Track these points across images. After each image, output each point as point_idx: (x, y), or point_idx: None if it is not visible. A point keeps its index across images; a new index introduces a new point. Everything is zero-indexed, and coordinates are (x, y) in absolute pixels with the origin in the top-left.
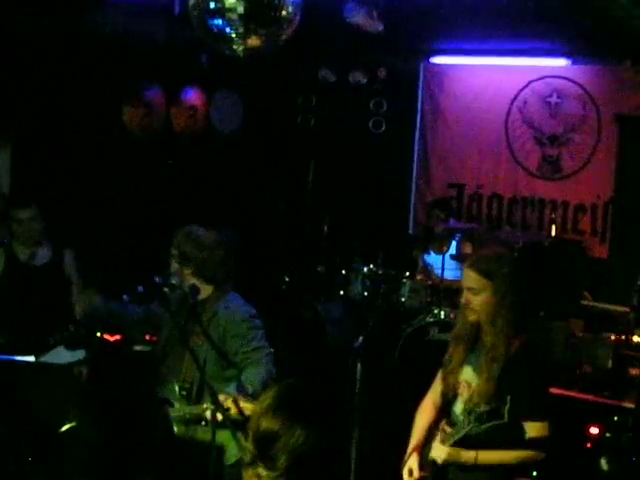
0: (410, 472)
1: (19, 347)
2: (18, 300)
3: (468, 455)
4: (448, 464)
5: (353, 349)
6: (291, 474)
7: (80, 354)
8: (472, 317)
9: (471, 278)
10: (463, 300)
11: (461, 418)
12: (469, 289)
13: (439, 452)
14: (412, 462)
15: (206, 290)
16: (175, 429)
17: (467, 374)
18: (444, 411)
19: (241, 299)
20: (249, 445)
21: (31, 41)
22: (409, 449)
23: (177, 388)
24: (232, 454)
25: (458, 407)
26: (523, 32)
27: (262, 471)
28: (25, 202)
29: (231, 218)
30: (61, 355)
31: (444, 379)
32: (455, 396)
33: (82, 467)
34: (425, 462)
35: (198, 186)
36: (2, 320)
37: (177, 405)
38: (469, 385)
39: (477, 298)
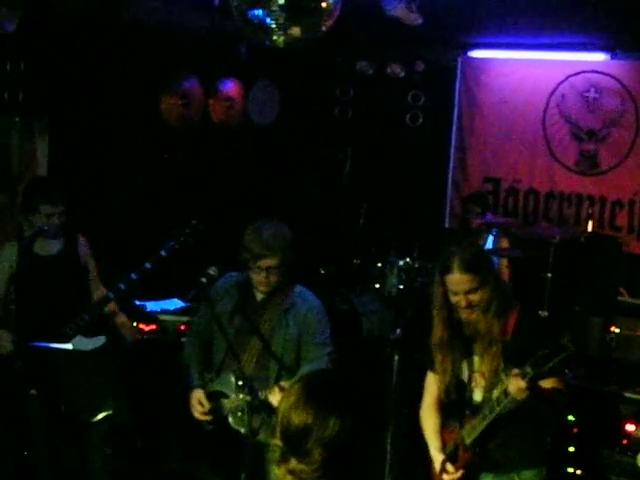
0: (447, 472)
1: (40, 338)
2: (37, 292)
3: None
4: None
5: (390, 341)
6: (327, 467)
7: (101, 340)
8: (475, 314)
9: (466, 280)
10: (464, 303)
11: (484, 405)
12: (470, 290)
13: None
14: (447, 466)
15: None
16: (230, 419)
17: (477, 364)
18: (449, 410)
19: (309, 291)
20: (278, 441)
21: (70, 30)
22: (434, 455)
23: (233, 379)
24: None
25: (478, 396)
26: (561, 26)
27: (296, 466)
28: (57, 198)
29: (267, 209)
30: (82, 343)
31: (443, 381)
32: (471, 389)
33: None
34: (460, 448)
35: (235, 177)
36: (22, 313)
37: (233, 396)
38: (483, 373)
39: (476, 296)
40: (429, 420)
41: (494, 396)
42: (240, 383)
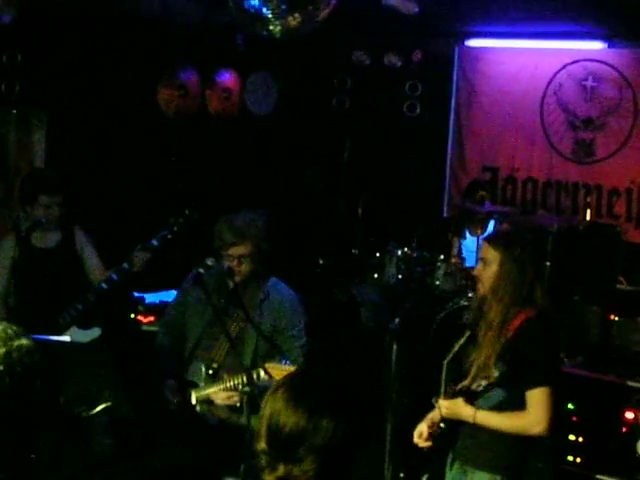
0: (420, 434)
1: (37, 330)
2: (35, 284)
3: (467, 411)
4: (452, 422)
5: (389, 330)
6: (322, 472)
7: (97, 331)
8: (482, 290)
9: (484, 249)
10: (475, 271)
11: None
12: (482, 259)
13: (441, 405)
14: (423, 425)
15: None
16: (198, 408)
17: (475, 347)
18: None
19: (284, 283)
20: (264, 446)
21: (67, 22)
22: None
23: (203, 368)
24: None
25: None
26: (559, 15)
27: (286, 472)
28: (56, 189)
29: (265, 200)
30: (79, 334)
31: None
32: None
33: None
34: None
35: (232, 168)
36: (20, 305)
37: (202, 384)
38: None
39: (487, 270)
40: None
41: (474, 387)
42: (210, 372)
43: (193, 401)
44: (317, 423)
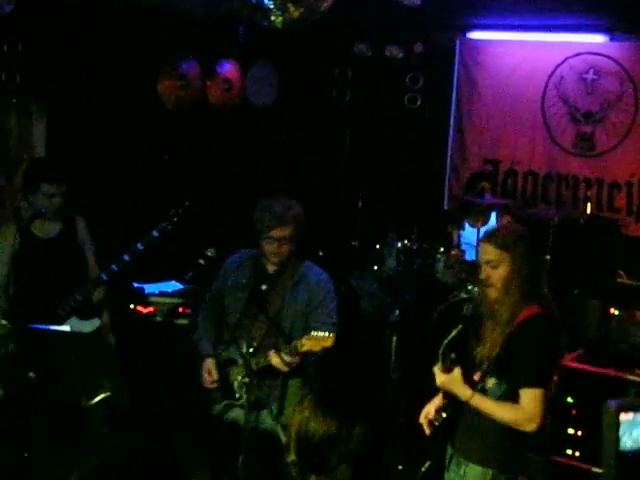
0: (426, 415)
1: (37, 320)
2: (35, 274)
3: (465, 390)
4: (454, 410)
5: (389, 322)
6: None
7: (96, 322)
8: (494, 294)
9: (489, 251)
10: (483, 276)
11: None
12: (487, 262)
13: (439, 377)
14: (430, 406)
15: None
16: (235, 385)
17: (480, 346)
18: None
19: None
20: (294, 457)
21: (68, 12)
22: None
23: (245, 346)
24: None
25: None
26: (560, 8)
27: None
28: (59, 178)
29: (265, 191)
30: (78, 325)
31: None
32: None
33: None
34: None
35: (233, 159)
36: (21, 294)
37: (241, 362)
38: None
39: (496, 272)
40: None
41: (487, 386)
42: (251, 350)
43: (231, 379)
44: (348, 430)
